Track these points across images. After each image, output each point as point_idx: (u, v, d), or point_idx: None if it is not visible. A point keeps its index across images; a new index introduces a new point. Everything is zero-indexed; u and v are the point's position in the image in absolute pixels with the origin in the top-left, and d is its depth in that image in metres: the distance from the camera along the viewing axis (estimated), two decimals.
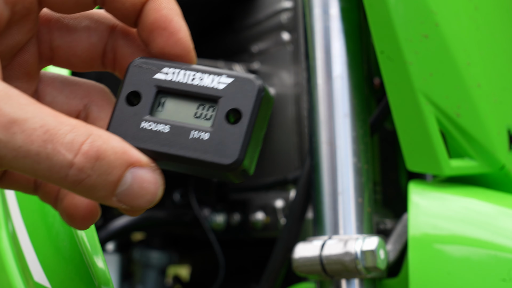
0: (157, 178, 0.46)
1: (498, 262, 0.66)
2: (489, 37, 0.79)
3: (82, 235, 0.62)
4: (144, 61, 0.49)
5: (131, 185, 0.45)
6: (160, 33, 0.50)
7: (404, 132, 0.75)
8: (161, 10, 0.50)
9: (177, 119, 0.48)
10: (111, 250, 1.21)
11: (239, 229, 1.08)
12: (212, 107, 0.48)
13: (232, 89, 0.48)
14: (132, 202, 0.46)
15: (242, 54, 1.11)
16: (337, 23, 0.79)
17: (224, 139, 0.47)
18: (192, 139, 0.47)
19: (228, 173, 0.47)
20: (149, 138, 0.48)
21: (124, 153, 0.45)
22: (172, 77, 0.49)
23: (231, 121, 0.47)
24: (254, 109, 0.47)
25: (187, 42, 0.50)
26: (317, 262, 0.74)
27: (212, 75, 0.49)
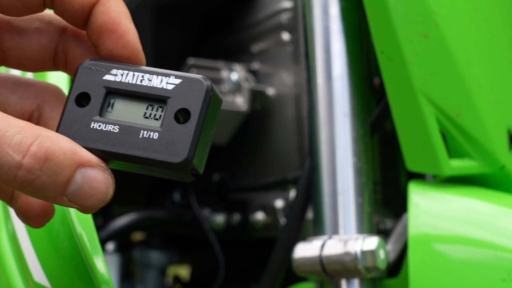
0: (108, 177, 0.47)
1: (498, 262, 0.66)
2: (489, 37, 0.79)
3: (82, 235, 0.62)
4: (93, 62, 0.50)
5: (81, 185, 0.46)
6: (108, 36, 0.50)
7: (404, 132, 0.75)
8: (110, 13, 0.50)
9: (127, 119, 0.49)
10: (111, 250, 1.21)
11: (239, 229, 1.08)
12: (161, 107, 0.49)
13: (180, 89, 0.49)
14: (83, 202, 0.47)
15: (242, 54, 1.11)
16: (337, 23, 0.79)
17: (174, 138, 0.48)
18: (142, 138, 0.48)
19: (178, 171, 0.48)
20: (99, 138, 0.48)
21: (73, 153, 0.46)
22: (121, 78, 0.50)
23: (180, 120, 0.48)
24: (203, 108, 0.48)
25: (136, 44, 0.50)
26: (317, 262, 0.74)
27: (160, 76, 0.49)
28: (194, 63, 1.04)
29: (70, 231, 0.63)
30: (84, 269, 0.61)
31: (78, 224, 0.63)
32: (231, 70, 1.06)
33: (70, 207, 0.47)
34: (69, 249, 0.63)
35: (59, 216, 0.65)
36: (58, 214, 0.65)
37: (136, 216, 1.06)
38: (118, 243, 1.21)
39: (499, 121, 0.76)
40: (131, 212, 1.06)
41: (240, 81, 1.04)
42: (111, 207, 1.13)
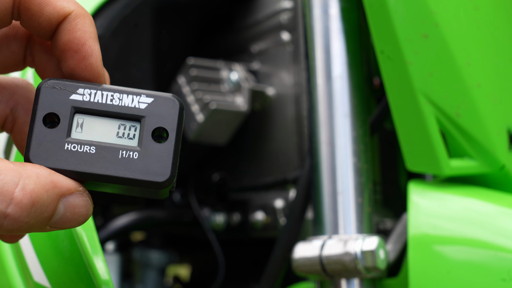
0: (87, 199, 0.47)
1: (498, 262, 0.66)
2: (489, 37, 0.79)
3: (82, 235, 0.62)
4: (57, 82, 0.49)
5: (64, 214, 0.46)
6: (71, 55, 0.50)
7: (404, 132, 0.75)
8: (75, 32, 0.49)
9: (100, 139, 0.49)
10: (111, 250, 1.21)
11: (239, 229, 1.08)
12: (133, 126, 0.49)
13: (154, 108, 0.49)
14: (65, 226, 0.47)
15: (242, 54, 1.11)
16: (337, 23, 0.79)
17: (154, 157, 0.48)
18: (122, 158, 0.48)
19: (159, 190, 0.48)
20: (75, 160, 0.48)
21: (54, 187, 0.46)
22: (89, 98, 0.49)
23: (158, 139, 0.49)
24: (179, 126, 0.49)
25: (98, 67, 0.50)
26: (317, 262, 0.74)
27: (131, 95, 0.49)
28: (194, 63, 1.04)
29: (70, 231, 0.63)
30: (84, 269, 0.61)
31: None
32: (231, 70, 1.06)
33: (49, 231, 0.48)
34: (69, 249, 0.63)
35: None
36: None
37: (136, 216, 1.06)
38: (118, 243, 1.21)
39: (499, 121, 0.76)
40: (131, 212, 1.06)
41: (240, 81, 1.04)
42: (111, 207, 1.13)
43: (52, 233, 0.65)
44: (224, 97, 1.04)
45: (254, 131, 1.08)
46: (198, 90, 1.03)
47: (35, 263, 0.67)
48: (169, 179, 0.48)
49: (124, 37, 0.97)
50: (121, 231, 1.04)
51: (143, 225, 1.07)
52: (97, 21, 0.94)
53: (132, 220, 1.05)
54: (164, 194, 0.50)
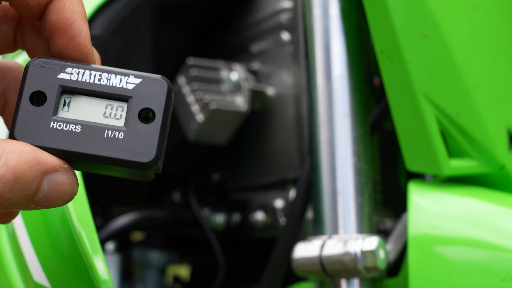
0: (71, 177, 0.47)
1: (498, 262, 0.66)
2: (489, 37, 0.79)
3: (82, 235, 0.62)
4: (45, 60, 0.49)
5: (49, 191, 0.46)
6: (60, 35, 0.50)
7: (404, 132, 0.75)
8: (63, 12, 0.49)
9: (87, 118, 0.49)
10: (111, 250, 1.21)
11: (239, 229, 1.08)
12: (120, 106, 0.49)
13: (141, 89, 0.49)
14: (50, 204, 0.47)
15: (242, 54, 1.11)
16: (337, 23, 0.79)
17: (140, 138, 0.48)
18: (107, 138, 0.48)
19: (144, 171, 0.48)
20: (60, 138, 0.48)
21: (38, 163, 0.45)
22: (77, 77, 0.49)
23: (144, 120, 0.49)
24: (166, 108, 0.49)
25: (86, 47, 0.50)
26: (317, 262, 0.74)
27: (119, 75, 0.49)
28: (194, 63, 1.04)
29: (70, 231, 0.63)
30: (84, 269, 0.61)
31: (78, 224, 0.63)
32: (231, 70, 1.06)
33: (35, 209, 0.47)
34: (69, 249, 0.63)
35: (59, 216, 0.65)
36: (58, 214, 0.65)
37: (136, 216, 1.06)
38: (118, 243, 1.21)
39: (499, 121, 0.76)
40: (131, 212, 1.06)
41: (240, 81, 1.04)
42: (111, 207, 1.13)
43: (52, 233, 0.65)
44: (224, 97, 1.04)
45: (254, 131, 1.08)
46: (198, 90, 1.03)
47: (35, 263, 0.67)
48: (154, 160, 0.48)
49: (124, 37, 0.97)
50: (121, 231, 1.04)
51: (143, 225, 1.07)
52: (97, 21, 0.94)
53: (132, 220, 1.05)
54: (150, 176, 0.50)
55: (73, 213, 0.63)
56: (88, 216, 0.64)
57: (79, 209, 0.64)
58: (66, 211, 0.64)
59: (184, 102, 1.04)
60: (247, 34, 1.10)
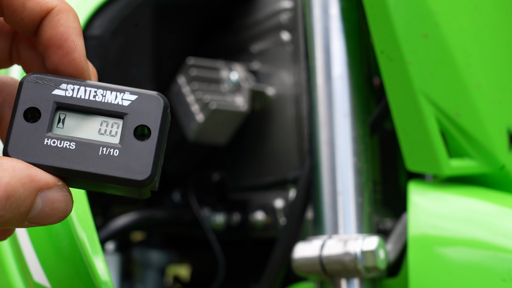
0: (66, 195, 0.47)
1: (498, 262, 0.66)
2: (489, 37, 0.78)
3: (82, 235, 0.62)
4: (40, 76, 0.49)
5: (43, 209, 0.46)
6: (54, 51, 0.49)
7: (404, 132, 0.75)
8: (58, 28, 0.49)
9: (81, 135, 0.48)
10: (111, 250, 1.21)
11: (239, 229, 1.08)
12: (116, 123, 0.48)
13: (137, 105, 0.48)
14: (44, 222, 0.46)
15: (242, 54, 1.11)
16: (337, 23, 0.79)
17: (135, 155, 0.47)
18: (102, 155, 0.47)
19: (140, 189, 0.48)
20: (54, 155, 0.47)
21: (31, 181, 0.45)
22: (72, 93, 0.49)
23: (139, 137, 0.48)
24: (162, 125, 0.48)
25: (81, 63, 0.50)
26: (317, 262, 0.74)
27: (115, 92, 0.49)
28: (194, 63, 1.04)
29: (70, 231, 0.63)
30: (84, 269, 0.61)
31: (78, 224, 0.63)
32: (231, 70, 1.06)
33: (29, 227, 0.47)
34: (69, 249, 0.63)
35: None
36: None
37: (136, 216, 1.06)
38: (118, 243, 1.21)
39: (499, 121, 0.76)
40: (131, 212, 1.06)
41: (240, 81, 1.04)
42: (111, 207, 1.13)
43: (52, 233, 0.65)
44: (224, 97, 1.04)
45: (254, 131, 1.08)
46: (198, 90, 1.03)
47: (35, 263, 0.67)
48: (149, 178, 0.47)
49: (124, 37, 0.97)
50: (121, 231, 1.04)
51: (143, 225, 1.07)
52: (97, 21, 0.94)
53: (132, 220, 1.05)
54: (146, 194, 0.49)
55: (73, 213, 0.63)
56: (88, 216, 0.64)
57: (79, 209, 0.64)
58: None
59: (184, 102, 1.04)
60: (247, 34, 1.10)
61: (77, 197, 0.65)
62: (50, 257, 0.65)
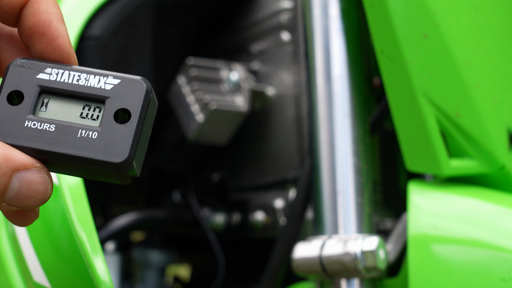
0: (44, 177, 0.46)
1: (498, 262, 0.66)
2: (489, 37, 0.79)
3: (82, 235, 0.62)
4: (25, 61, 0.49)
5: (19, 190, 0.45)
6: (38, 39, 0.49)
7: (404, 132, 0.75)
8: (39, 15, 0.49)
9: (62, 118, 0.48)
10: (111, 250, 1.21)
11: (239, 229, 1.08)
12: (98, 107, 0.48)
13: (119, 89, 0.48)
14: (22, 204, 0.46)
15: (241, 54, 1.11)
16: (337, 23, 0.79)
17: (114, 138, 0.47)
18: (81, 138, 0.47)
19: (118, 172, 0.47)
20: (34, 137, 0.47)
21: (7, 160, 0.45)
22: (56, 77, 0.49)
23: (120, 121, 0.48)
24: (143, 109, 0.48)
25: (66, 48, 0.50)
26: (317, 262, 0.74)
27: (98, 76, 0.49)
28: (194, 63, 1.04)
29: (70, 231, 0.63)
30: (84, 269, 0.61)
31: (78, 224, 0.63)
32: (231, 70, 1.06)
33: (10, 210, 0.47)
34: (69, 249, 0.63)
35: (59, 216, 0.65)
36: (58, 214, 0.65)
37: (136, 216, 1.06)
38: (118, 243, 1.21)
39: (499, 121, 0.76)
40: (131, 212, 1.06)
41: (240, 81, 1.04)
42: (111, 207, 1.13)
43: (52, 233, 0.65)
44: (224, 97, 1.04)
45: (254, 131, 1.08)
46: (198, 90, 1.03)
47: (35, 263, 0.67)
48: (125, 160, 0.47)
49: (124, 37, 0.97)
50: (121, 231, 1.04)
51: (143, 225, 1.07)
52: (97, 21, 0.94)
53: (132, 220, 1.05)
54: (126, 179, 0.49)
55: (73, 213, 0.63)
56: (88, 216, 0.64)
57: (79, 209, 0.64)
58: (66, 211, 0.64)
59: (184, 102, 1.04)
60: (247, 34, 1.10)
61: (77, 197, 0.65)
62: (50, 257, 0.65)
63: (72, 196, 0.65)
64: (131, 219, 1.05)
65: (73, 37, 0.91)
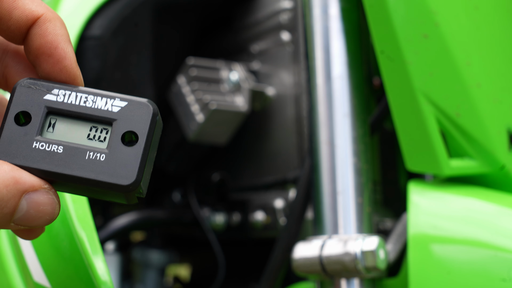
0: (52, 198, 0.47)
1: (498, 262, 0.66)
2: (489, 37, 0.79)
3: (82, 235, 0.62)
4: (32, 81, 0.49)
5: (28, 211, 0.46)
6: (45, 60, 0.49)
7: (404, 132, 0.75)
8: (46, 36, 0.49)
9: (70, 140, 0.49)
10: (111, 250, 1.21)
11: (239, 229, 1.08)
12: (105, 129, 0.49)
13: (126, 112, 0.49)
14: (30, 224, 0.46)
15: (241, 54, 1.11)
16: (337, 23, 0.79)
17: (121, 160, 0.48)
18: (89, 160, 0.48)
19: (125, 194, 0.48)
20: (42, 158, 0.48)
21: (16, 183, 0.45)
22: (63, 98, 0.49)
23: (127, 143, 0.48)
24: (150, 132, 0.49)
25: (73, 69, 0.50)
26: (317, 262, 0.74)
27: (105, 98, 0.49)
28: (194, 63, 1.04)
29: (70, 231, 0.63)
30: (84, 269, 0.61)
31: (78, 224, 0.63)
32: (231, 70, 1.06)
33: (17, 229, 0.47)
34: (69, 249, 0.63)
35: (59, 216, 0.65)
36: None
37: (136, 216, 1.06)
38: (118, 243, 1.21)
39: (499, 121, 0.76)
40: (131, 212, 1.06)
41: (240, 81, 1.04)
42: (111, 207, 1.13)
43: (52, 233, 0.65)
44: (224, 97, 1.04)
45: (254, 131, 1.08)
46: (198, 90, 1.03)
47: (35, 263, 0.67)
48: (133, 183, 0.47)
49: (124, 37, 0.97)
50: (121, 231, 1.04)
51: (143, 225, 1.07)
52: (97, 21, 0.94)
53: (132, 220, 1.05)
54: (132, 200, 0.49)
55: (73, 213, 0.63)
56: (88, 216, 0.64)
57: (79, 209, 0.64)
58: (66, 211, 0.64)
59: (184, 102, 1.04)
60: (247, 34, 1.10)
61: (77, 197, 0.65)
62: (50, 257, 0.65)
63: (72, 196, 0.65)
64: (131, 219, 1.05)
65: (73, 37, 0.91)
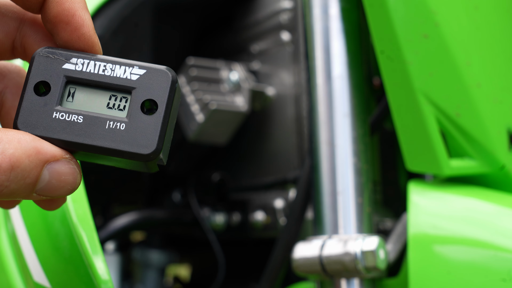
0: (74, 167, 0.47)
1: (498, 262, 0.66)
2: (489, 37, 0.79)
3: (82, 235, 0.62)
4: (51, 50, 0.49)
5: (50, 181, 0.46)
6: (63, 28, 0.49)
7: (404, 132, 0.75)
8: (64, 4, 0.49)
9: (89, 109, 0.48)
10: (111, 250, 1.21)
11: (239, 229, 1.08)
12: (124, 97, 0.49)
13: (145, 80, 0.49)
14: (52, 194, 0.47)
15: (242, 54, 1.11)
16: (337, 23, 0.79)
17: (141, 129, 0.48)
18: (109, 129, 0.48)
19: (146, 163, 0.48)
20: (62, 129, 0.48)
21: (37, 153, 0.45)
22: (82, 67, 0.49)
23: (147, 111, 0.48)
24: (169, 99, 0.48)
25: (91, 37, 0.50)
26: (317, 262, 0.74)
27: (124, 66, 0.49)
28: (194, 63, 1.04)
29: (70, 231, 0.63)
30: (84, 269, 0.61)
31: (78, 224, 0.63)
32: (231, 70, 1.06)
33: (40, 199, 0.47)
34: (69, 249, 0.63)
35: (59, 216, 0.65)
36: (58, 214, 0.65)
37: (136, 216, 1.06)
38: (118, 243, 1.21)
39: (499, 121, 0.76)
40: (131, 212, 1.06)
41: (240, 81, 1.04)
42: (111, 207, 1.13)
43: (52, 233, 0.65)
44: (224, 97, 1.04)
45: (254, 131, 1.08)
46: (198, 90, 1.03)
47: (35, 263, 0.67)
48: (154, 152, 0.47)
49: (124, 37, 0.97)
50: (121, 231, 1.04)
51: (143, 225, 1.07)
52: (97, 21, 0.94)
53: (132, 220, 1.05)
54: (153, 168, 0.49)
55: (73, 213, 0.63)
56: (88, 216, 0.64)
57: (79, 209, 0.64)
58: (66, 211, 0.64)
59: (184, 102, 1.04)
60: (247, 34, 1.10)
61: (77, 197, 0.65)
62: (50, 257, 0.65)
63: (72, 196, 0.65)
64: (131, 219, 1.05)
65: None
